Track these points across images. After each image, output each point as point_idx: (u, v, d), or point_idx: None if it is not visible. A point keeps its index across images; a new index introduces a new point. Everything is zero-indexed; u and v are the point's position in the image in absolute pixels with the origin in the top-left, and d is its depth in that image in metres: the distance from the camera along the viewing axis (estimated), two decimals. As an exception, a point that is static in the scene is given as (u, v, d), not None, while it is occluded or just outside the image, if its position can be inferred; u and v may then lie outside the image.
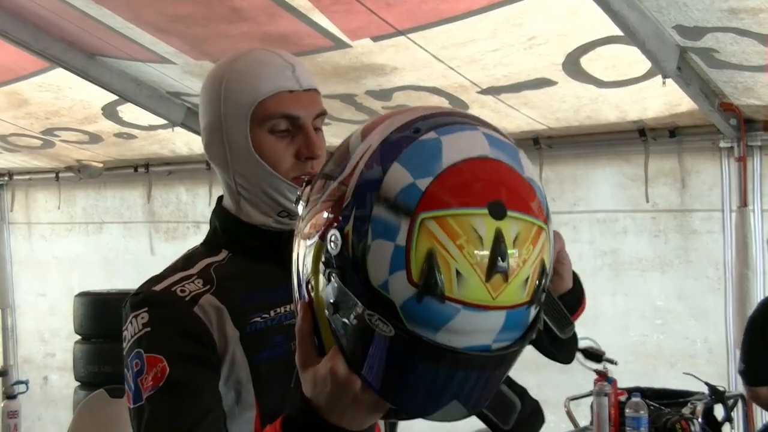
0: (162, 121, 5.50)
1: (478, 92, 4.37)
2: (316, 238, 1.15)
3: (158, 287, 1.64)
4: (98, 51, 4.58)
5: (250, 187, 1.67)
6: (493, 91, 4.35)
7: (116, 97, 5.17)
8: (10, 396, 5.15)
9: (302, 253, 1.20)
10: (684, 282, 4.93)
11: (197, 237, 6.66)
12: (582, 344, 4.06)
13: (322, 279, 1.16)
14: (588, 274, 5.06)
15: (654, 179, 4.92)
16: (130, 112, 5.46)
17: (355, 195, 1.09)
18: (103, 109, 5.50)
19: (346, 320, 1.11)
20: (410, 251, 1.05)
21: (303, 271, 1.21)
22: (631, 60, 3.84)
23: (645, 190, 4.91)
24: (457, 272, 1.05)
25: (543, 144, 5.13)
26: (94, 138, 6.17)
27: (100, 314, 5.99)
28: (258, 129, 1.64)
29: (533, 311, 1.12)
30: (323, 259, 1.14)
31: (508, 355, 1.12)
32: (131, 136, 6.05)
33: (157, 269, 1.71)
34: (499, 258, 1.06)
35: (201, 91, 1.77)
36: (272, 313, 1.65)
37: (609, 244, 5.15)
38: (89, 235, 7.49)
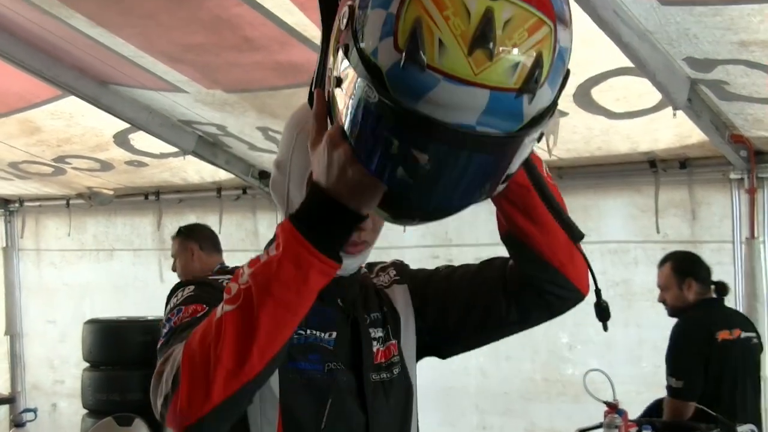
0: (173, 149, 5.52)
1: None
2: (338, 23, 1.25)
3: (206, 279, 1.70)
4: (110, 79, 4.61)
5: None
6: (503, 121, 4.35)
7: (127, 125, 5.19)
8: (18, 424, 5.14)
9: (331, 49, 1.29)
10: (695, 313, 4.90)
11: (206, 266, 6.67)
12: (593, 376, 4.05)
13: (331, 58, 1.26)
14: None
15: (664, 210, 4.91)
16: (141, 140, 5.48)
17: None
18: (114, 137, 5.53)
19: (345, 93, 1.19)
20: (399, 18, 1.11)
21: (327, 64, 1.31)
22: (642, 92, 3.85)
23: (656, 221, 4.91)
24: (440, 42, 1.09)
25: (554, 174, 5.11)
26: (106, 165, 6.19)
27: (109, 342, 5.98)
28: None
29: (526, 102, 1.15)
30: (336, 38, 1.24)
31: (492, 143, 1.15)
32: (142, 164, 6.08)
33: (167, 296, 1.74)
34: (483, 34, 1.08)
35: (285, 125, 1.74)
36: (308, 331, 1.68)
37: (621, 274, 5.14)
38: (99, 262, 7.50)
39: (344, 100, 1.22)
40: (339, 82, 1.23)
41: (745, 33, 3.14)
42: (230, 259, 4.88)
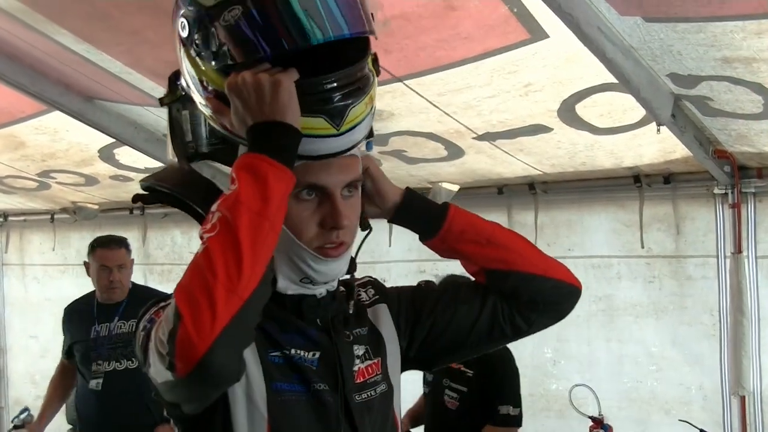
0: (158, 164, 5.51)
1: (474, 138, 4.40)
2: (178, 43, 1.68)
3: None
4: (96, 95, 4.61)
5: (277, 251, 1.65)
6: (489, 137, 4.37)
7: (112, 140, 5.19)
8: (18, 426, 5.13)
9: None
10: (678, 328, 4.93)
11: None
12: (575, 391, 4.06)
13: (195, 63, 1.64)
14: (582, 319, 5.07)
15: (649, 225, 4.93)
16: (126, 155, 5.47)
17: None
18: (99, 152, 5.52)
19: (220, 45, 1.57)
20: None
21: (194, 88, 1.68)
22: (626, 107, 3.87)
23: (640, 236, 4.92)
24: None
25: (538, 189, 5.15)
26: (90, 180, 6.18)
27: (92, 357, 5.94)
28: None
29: None
30: (188, 53, 1.64)
31: None
32: (127, 179, 6.06)
33: (152, 312, 1.73)
34: None
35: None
36: (291, 351, 1.70)
37: (603, 289, 5.15)
38: (84, 277, 7.46)
39: (222, 47, 1.57)
40: (213, 54, 1.58)
41: (728, 50, 3.16)
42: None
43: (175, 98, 1.80)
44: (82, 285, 7.39)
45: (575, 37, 3.08)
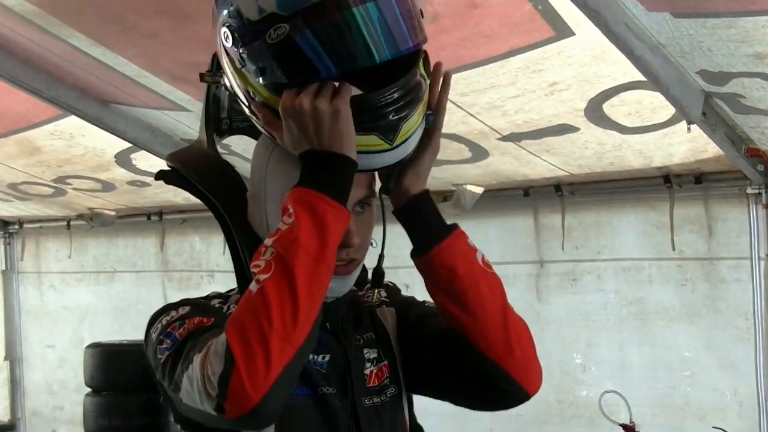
0: (176, 169, 5.54)
1: (499, 139, 4.40)
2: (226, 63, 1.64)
3: (198, 299, 1.75)
4: (112, 98, 4.64)
5: None
6: (513, 137, 4.37)
7: (129, 145, 5.22)
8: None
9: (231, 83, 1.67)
10: (712, 332, 4.90)
11: (211, 286, 6.68)
12: (606, 398, 4.05)
13: (241, 74, 1.60)
14: (613, 323, 5.06)
15: (680, 227, 4.91)
16: (143, 159, 5.51)
17: None
18: (116, 157, 5.55)
19: (271, 64, 1.52)
20: None
21: (240, 93, 1.64)
22: (655, 106, 3.86)
23: (671, 238, 4.90)
24: None
25: (565, 191, 5.14)
26: (107, 186, 6.22)
27: (111, 366, 6.00)
28: None
29: None
30: (232, 63, 1.60)
31: None
32: (144, 184, 6.10)
33: (170, 320, 1.74)
34: None
35: (253, 156, 1.79)
36: (310, 355, 1.69)
37: (634, 293, 5.13)
38: (100, 285, 7.52)
39: (276, 69, 1.53)
40: (262, 71, 1.54)
41: (761, 45, 3.15)
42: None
43: (215, 81, 1.84)
44: (101, 292, 7.47)
45: (602, 34, 3.08)
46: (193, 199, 5.28)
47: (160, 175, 1.87)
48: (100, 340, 6.36)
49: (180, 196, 6.38)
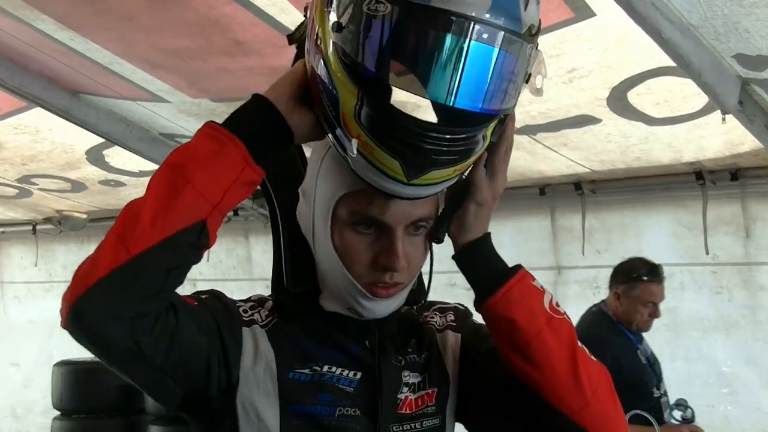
0: (154, 167, 5.54)
1: (512, 131, 4.40)
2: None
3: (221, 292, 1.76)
4: (83, 89, 4.64)
5: (326, 273, 1.70)
6: (528, 130, 4.38)
7: (102, 140, 5.22)
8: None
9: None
10: (753, 345, 4.91)
11: (193, 297, 6.70)
12: (635, 417, 4.05)
13: (322, 15, 1.55)
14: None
15: (714, 228, 4.92)
16: (117, 156, 5.52)
17: None
18: (87, 153, 5.56)
19: (349, 25, 1.47)
20: None
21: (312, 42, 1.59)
22: (686, 94, 3.87)
23: (704, 241, 4.91)
24: None
25: (586, 189, 5.15)
26: (77, 186, 6.23)
27: (83, 386, 5.99)
28: (342, 217, 1.65)
29: (522, 6, 1.46)
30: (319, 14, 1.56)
31: (502, 37, 1.44)
32: (119, 184, 6.11)
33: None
34: None
35: (312, 150, 1.78)
36: (324, 368, 1.70)
37: (665, 302, 5.11)
38: (71, 296, 7.50)
39: (349, 33, 1.48)
40: (339, 25, 1.49)
41: (803, 25, 3.16)
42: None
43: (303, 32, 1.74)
44: (70, 304, 7.45)
45: (626, 14, 3.08)
46: (173, 200, 5.10)
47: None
48: (71, 357, 6.35)
49: (158, 197, 6.37)
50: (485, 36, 1.42)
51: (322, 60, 1.56)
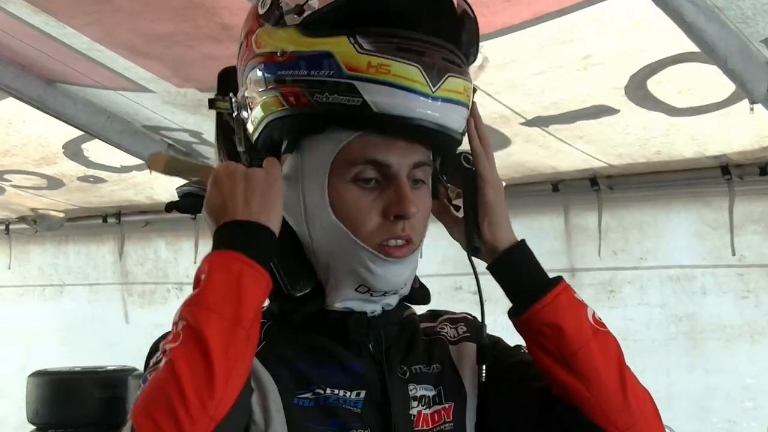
0: (138, 161, 5.54)
1: (522, 123, 4.40)
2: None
3: None
4: (59, 77, 4.64)
5: (330, 254, 1.71)
6: (540, 121, 4.37)
7: (81, 133, 5.23)
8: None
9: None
10: (780, 355, 4.91)
11: (179, 301, 6.68)
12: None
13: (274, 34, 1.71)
14: (659, 344, 5.05)
15: (741, 227, 4.91)
16: (97, 150, 5.51)
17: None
18: (64, 147, 5.56)
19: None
20: None
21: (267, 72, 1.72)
22: (710, 81, 3.86)
23: (730, 241, 4.90)
24: None
25: (602, 185, 5.14)
26: (54, 182, 6.23)
27: (60, 399, 5.98)
28: (338, 180, 1.68)
29: None
30: (263, 33, 1.73)
31: None
32: (99, 180, 6.11)
33: (133, 341, 1.74)
34: None
35: None
36: (327, 391, 1.69)
37: (685, 307, 5.13)
38: (47, 301, 7.52)
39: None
40: (301, 7, 1.66)
41: (839, 6, 3.15)
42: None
43: (227, 108, 1.89)
44: (47, 310, 7.46)
45: (645, -4, 3.08)
46: (158, 198, 5.28)
47: (170, 207, 1.93)
48: (47, 367, 6.35)
49: (142, 194, 6.38)
50: None
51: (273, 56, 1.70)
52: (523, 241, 1.81)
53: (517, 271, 1.77)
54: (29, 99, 4.75)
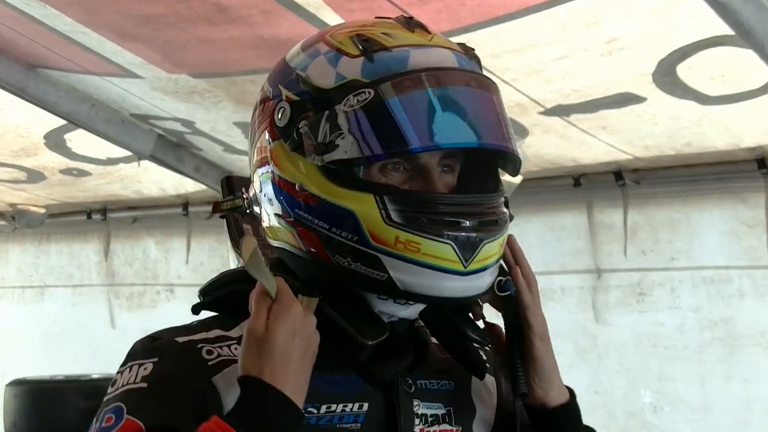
0: (125, 153, 5.55)
1: (542, 113, 4.40)
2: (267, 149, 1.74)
3: (181, 339, 1.70)
4: (40, 62, 4.66)
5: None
6: (561, 110, 4.38)
7: (64, 122, 5.23)
8: None
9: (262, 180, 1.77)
10: (822, 363, 4.91)
11: (170, 304, 6.66)
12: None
13: (292, 159, 1.69)
14: (693, 351, 5.05)
15: (779, 225, 4.92)
16: (81, 140, 5.52)
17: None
18: (45, 137, 5.56)
19: (336, 134, 1.63)
20: (333, 44, 1.72)
21: (282, 198, 1.72)
22: (746, 67, 3.86)
23: (767, 240, 4.90)
24: (382, 33, 1.70)
25: (628, 179, 5.15)
26: (34, 175, 6.24)
27: (41, 409, 6.00)
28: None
29: (469, 58, 1.78)
30: (281, 149, 1.71)
31: (484, 78, 1.73)
32: (83, 173, 6.11)
33: (120, 347, 1.73)
34: (410, 19, 1.75)
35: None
36: (321, 409, 1.68)
37: (720, 311, 5.13)
38: (26, 304, 7.53)
39: (340, 143, 1.63)
40: (325, 146, 1.64)
41: None
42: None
43: (235, 206, 1.90)
44: (27, 314, 7.47)
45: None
46: (146, 193, 5.30)
47: (198, 309, 1.88)
48: (26, 375, 6.36)
49: (129, 189, 6.39)
50: (472, 75, 1.73)
51: (302, 201, 1.69)
52: (572, 398, 1.85)
53: (576, 419, 1.85)
54: (8, 85, 4.76)
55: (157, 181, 6.17)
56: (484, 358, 1.92)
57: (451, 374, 1.85)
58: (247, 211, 1.84)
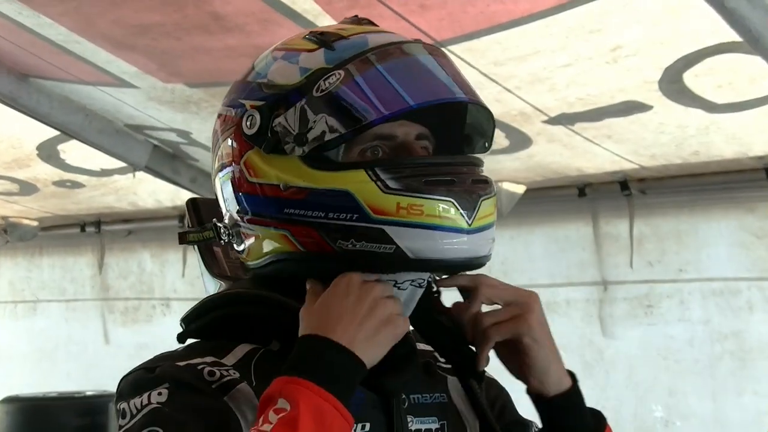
0: (119, 164, 5.55)
1: (545, 121, 4.41)
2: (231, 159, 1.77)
3: (181, 363, 1.69)
4: (33, 71, 4.66)
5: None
6: (565, 119, 4.38)
7: (57, 133, 5.24)
8: None
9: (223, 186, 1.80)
10: (839, 377, 4.91)
11: (166, 319, 6.66)
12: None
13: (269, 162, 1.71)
14: (704, 365, 5.05)
15: (789, 236, 4.92)
16: (75, 151, 5.52)
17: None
18: (38, 148, 5.57)
19: (315, 119, 1.66)
20: (292, 47, 1.77)
21: (264, 206, 1.73)
22: (754, 75, 3.87)
23: (776, 251, 4.91)
24: (336, 29, 1.79)
25: (634, 189, 5.15)
26: (27, 187, 6.24)
27: (34, 427, 5.99)
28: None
29: None
30: (257, 156, 1.73)
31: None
32: (77, 185, 6.12)
33: (114, 363, 1.73)
34: (359, 19, 1.88)
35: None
36: None
37: (730, 324, 5.13)
38: (18, 319, 7.53)
39: (323, 129, 1.66)
40: (301, 138, 1.67)
41: None
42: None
43: (205, 238, 1.93)
44: (20, 329, 7.47)
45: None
46: (142, 205, 5.31)
47: (182, 337, 1.88)
48: (19, 392, 6.36)
49: (124, 201, 6.39)
50: (434, 50, 1.80)
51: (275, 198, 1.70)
52: (574, 384, 1.86)
53: (570, 416, 1.85)
54: (0, 96, 4.76)
55: (153, 192, 6.17)
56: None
57: (439, 385, 1.86)
58: (220, 241, 1.85)
